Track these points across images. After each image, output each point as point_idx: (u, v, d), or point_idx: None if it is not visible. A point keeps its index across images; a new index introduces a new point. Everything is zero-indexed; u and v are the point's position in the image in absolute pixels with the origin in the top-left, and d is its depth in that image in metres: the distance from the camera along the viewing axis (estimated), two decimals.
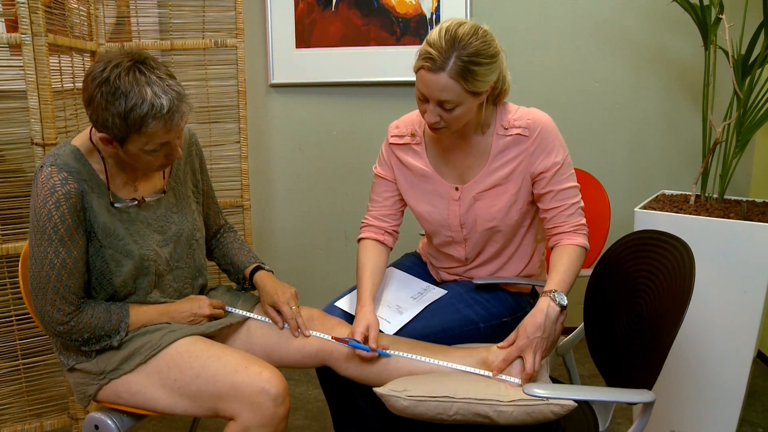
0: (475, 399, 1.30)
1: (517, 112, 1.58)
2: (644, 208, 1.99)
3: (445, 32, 1.41)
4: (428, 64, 1.41)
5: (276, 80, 2.67)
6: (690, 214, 1.89)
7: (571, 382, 1.87)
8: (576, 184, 1.58)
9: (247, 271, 1.65)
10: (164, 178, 1.54)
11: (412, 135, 1.68)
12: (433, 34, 1.43)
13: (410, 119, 1.71)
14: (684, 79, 2.51)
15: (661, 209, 1.95)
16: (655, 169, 2.61)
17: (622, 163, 2.63)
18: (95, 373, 1.42)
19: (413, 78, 2.60)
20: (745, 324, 1.83)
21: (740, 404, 1.89)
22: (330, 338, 1.51)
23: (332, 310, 1.67)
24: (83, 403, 1.46)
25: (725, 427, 1.92)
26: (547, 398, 1.25)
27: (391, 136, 1.71)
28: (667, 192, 2.20)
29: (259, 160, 2.71)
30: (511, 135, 1.56)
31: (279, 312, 1.56)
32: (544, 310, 1.41)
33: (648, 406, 1.21)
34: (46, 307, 1.35)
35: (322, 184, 2.76)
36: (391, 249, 1.75)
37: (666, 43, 2.50)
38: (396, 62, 2.61)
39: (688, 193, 2.17)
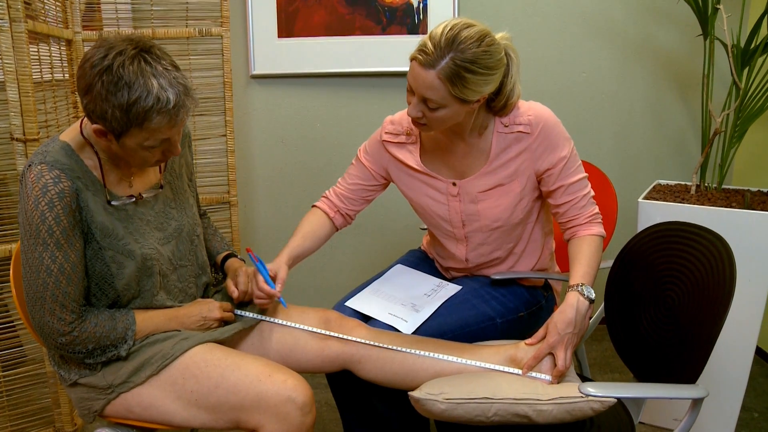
0: (515, 399, 1.27)
1: (518, 108, 1.53)
2: (645, 198, 1.99)
3: (449, 30, 1.34)
4: (421, 57, 1.35)
5: (257, 71, 2.56)
6: (693, 204, 1.90)
7: (581, 372, 1.86)
8: (585, 174, 1.55)
9: (219, 258, 1.59)
10: (160, 172, 1.44)
11: (408, 134, 1.62)
12: (438, 27, 1.37)
13: (407, 115, 1.64)
14: (670, 69, 2.54)
15: (664, 200, 1.96)
16: (642, 159, 2.63)
17: (610, 153, 2.64)
18: (102, 387, 1.32)
19: (400, 68, 2.60)
20: (748, 314, 1.85)
21: (742, 393, 1.92)
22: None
23: (343, 311, 1.61)
24: (87, 419, 1.36)
25: (726, 415, 1.95)
26: (601, 397, 1.22)
27: (385, 132, 1.65)
28: (663, 182, 2.22)
29: (240, 154, 2.60)
30: (512, 132, 1.50)
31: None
32: (573, 305, 1.38)
33: (698, 401, 1.19)
34: (46, 318, 1.24)
35: (306, 178, 2.67)
36: (337, 230, 1.73)
37: (652, 33, 2.51)
38: (382, 52, 2.54)
39: (684, 183, 2.19)
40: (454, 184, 1.56)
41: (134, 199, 1.36)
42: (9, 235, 1.76)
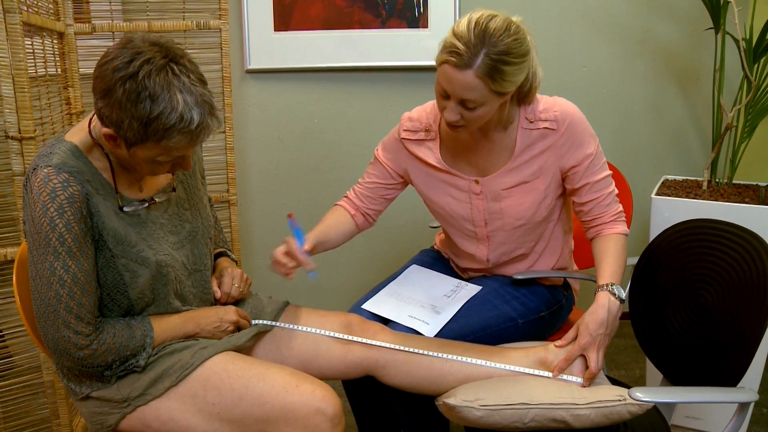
0: (552, 404, 1.23)
1: (542, 104, 1.48)
2: (657, 194, 1.97)
3: (475, 25, 1.29)
4: (454, 59, 1.28)
5: (253, 66, 2.48)
6: (707, 200, 1.88)
7: None
8: (609, 171, 1.52)
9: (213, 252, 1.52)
10: (172, 173, 1.36)
11: (427, 130, 1.56)
12: (461, 25, 1.31)
13: (425, 111, 1.58)
14: (671, 63, 2.52)
15: (676, 196, 1.94)
16: (643, 154, 2.61)
17: (611, 149, 2.62)
18: (117, 401, 1.24)
19: (400, 62, 2.55)
20: None
21: (756, 390, 1.91)
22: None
23: (359, 314, 1.55)
24: None
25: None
26: (646, 401, 1.19)
27: (404, 130, 1.59)
28: (670, 177, 2.20)
29: (236, 152, 2.52)
30: (538, 129, 1.47)
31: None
32: (605, 305, 1.35)
33: (746, 405, 1.17)
34: (61, 332, 1.16)
35: (303, 176, 2.60)
36: (360, 231, 1.69)
37: (653, 27, 2.50)
38: (381, 46, 2.48)
39: (692, 178, 2.18)
40: (476, 181, 1.51)
41: (147, 204, 1.28)
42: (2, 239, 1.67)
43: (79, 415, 1.91)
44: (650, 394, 1.17)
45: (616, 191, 1.53)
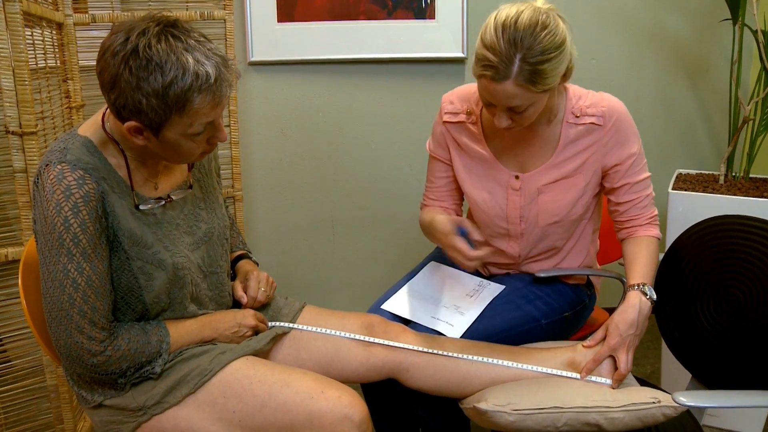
0: (585, 407, 1.20)
1: (588, 99, 1.44)
2: (673, 189, 1.94)
3: (503, 30, 1.23)
4: (489, 73, 1.23)
5: (255, 58, 2.41)
6: (724, 194, 1.85)
7: None
8: (649, 173, 1.48)
9: (232, 256, 1.47)
10: (189, 169, 1.31)
11: (468, 113, 1.51)
12: (489, 31, 1.24)
13: (466, 94, 1.53)
14: (681, 56, 2.49)
15: (693, 190, 1.91)
16: (652, 147, 2.57)
17: None
18: (132, 410, 1.19)
19: (406, 54, 2.49)
20: None
21: None
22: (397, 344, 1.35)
23: (379, 314, 1.50)
24: None
25: (758, 410, 1.92)
26: (692, 406, 1.15)
27: (445, 113, 1.53)
28: (684, 171, 2.17)
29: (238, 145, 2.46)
30: (583, 124, 1.43)
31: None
32: (636, 305, 1.31)
33: None
34: (74, 338, 1.10)
35: (307, 170, 2.54)
36: None
37: (663, 19, 2.46)
38: (388, 37, 2.42)
39: (707, 172, 2.15)
40: (516, 177, 1.47)
41: (164, 202, 1.22)
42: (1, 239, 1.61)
43: (84, 420, 1.85)
44: (694, 398, 1.14)
45: (653, 194, 1.49)
